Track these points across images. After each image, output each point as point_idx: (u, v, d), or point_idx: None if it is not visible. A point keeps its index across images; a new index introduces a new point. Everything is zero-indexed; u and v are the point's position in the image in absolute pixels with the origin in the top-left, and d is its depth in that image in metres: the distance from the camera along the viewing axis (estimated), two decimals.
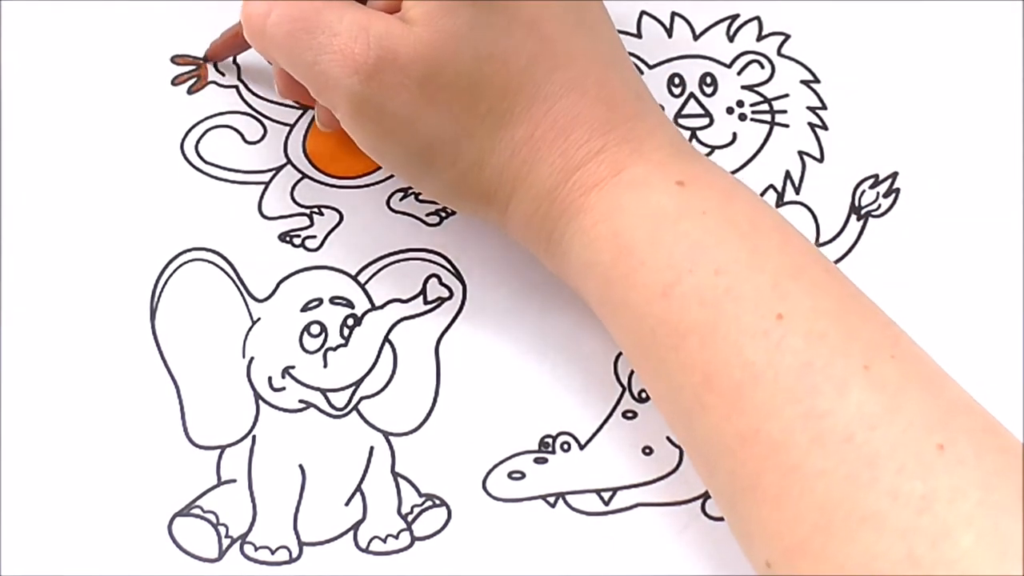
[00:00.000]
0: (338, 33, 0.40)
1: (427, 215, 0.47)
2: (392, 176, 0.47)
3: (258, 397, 0.44)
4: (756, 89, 0.49)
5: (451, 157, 0.41)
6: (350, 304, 0.45)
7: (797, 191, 0.48)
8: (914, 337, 0.40)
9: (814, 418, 0.35)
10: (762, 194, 0.47)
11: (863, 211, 0.48)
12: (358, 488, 0.43)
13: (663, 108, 0.47)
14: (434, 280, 0.46)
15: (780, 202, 0.48)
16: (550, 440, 0.44)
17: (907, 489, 0.34)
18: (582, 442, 0.44)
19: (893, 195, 0.48)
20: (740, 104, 0.49)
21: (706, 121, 0.49)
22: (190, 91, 0.48)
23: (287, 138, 0.48)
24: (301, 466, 0.43)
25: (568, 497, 0.43)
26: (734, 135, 0.49)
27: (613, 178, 0.40)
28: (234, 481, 0.43)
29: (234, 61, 0.49)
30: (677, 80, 0.50)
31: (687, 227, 0.39)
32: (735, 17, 0.51)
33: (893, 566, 0.33)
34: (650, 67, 0.50)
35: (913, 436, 0.35)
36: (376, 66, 0.39)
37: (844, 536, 0.34)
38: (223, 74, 0.48)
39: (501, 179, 0.41)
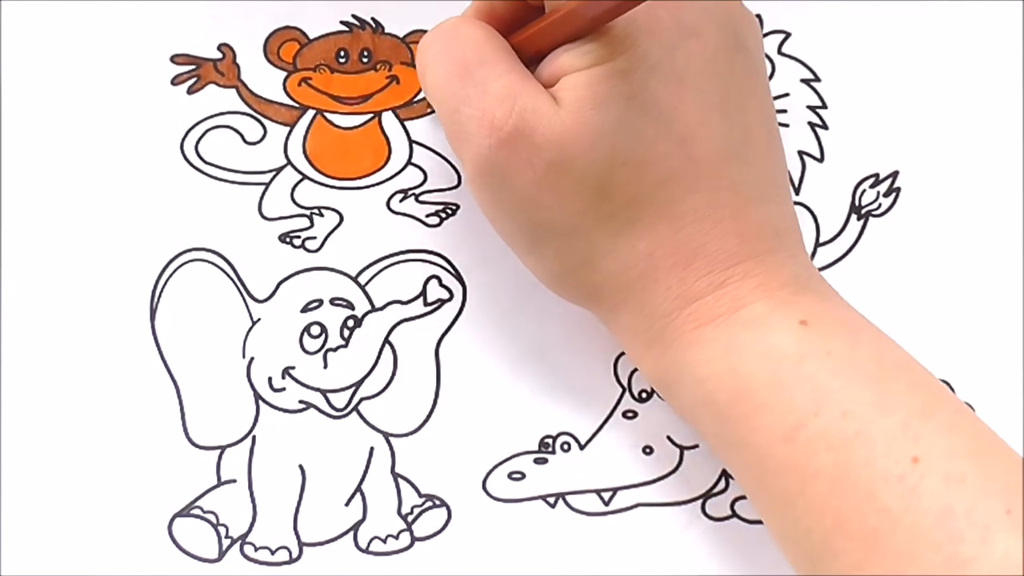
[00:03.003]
0: (488, 92, 0.39)
1: (427, 216, 0.47)
2: (392, 177, 0.47)
3: (258, 397, 0.44)
4: None
5: (560, 248, 0.40)
6: (350, 305, 0.45)
7: (797, 191, 0.48)
8: (914, 337, 0.40)
9: (957, 565, 0.34)
10: None
11: (863, 211, 0.48)
12: (358, 488, 0.43)
13: None
14: (434, 282, 0.46)
15: None
16: (550, 440, 0.44)
17: None
18: (582, 442, 0.44)
19: (893, 194, 0.48)
20: None
21: None
22: (190, 91, 0.48)
23: (287, 139, 0.48)
24: (301, 466, 0.44)
25: (568, 497, 0.43)
26: None
27: (731, 315, 0.39)
28: (234, 481, 0.43)
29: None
30: None
31: (810, 369, 0.37)
32: None
33: None
34: None
35: None
36: (510, 136, 0.38)
37: None
38: (223, 74, 0.48)
39: (610, 286, 0.40)
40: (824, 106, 0.49)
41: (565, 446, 0.44)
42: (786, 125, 0.49)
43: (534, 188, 0.39)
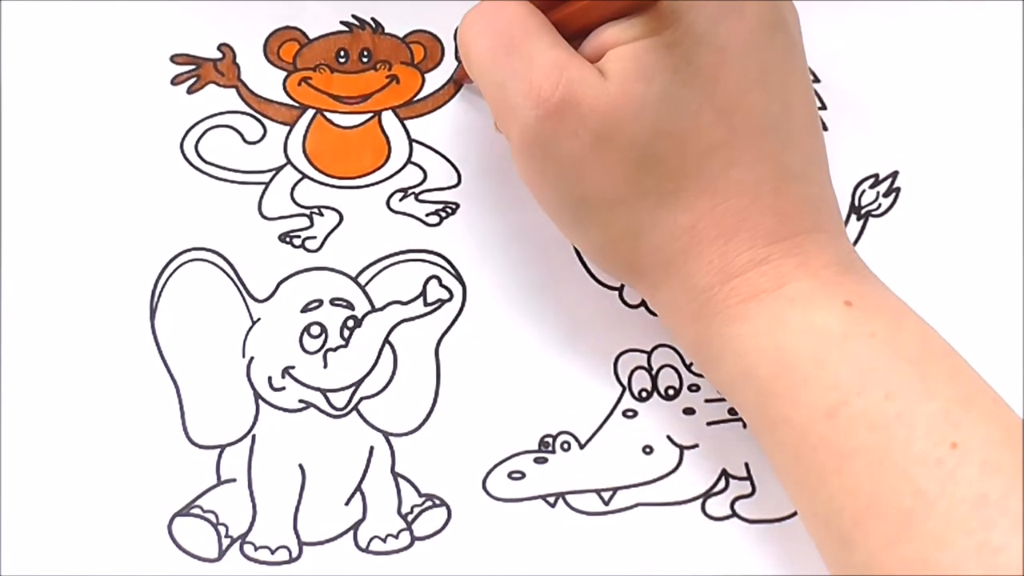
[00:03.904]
0: (534, 65, 0.39)
1: (427, 215, 0.47)
2: (392, 176, 0.47)
3: (258, 397, 0.44)
4: None
5: (604, 219, 0.41)
6: (350, 306, 0.45)
7: None
8: None
9: (988, 552, 0.34)
10: None
11: (863, 211, 0.48)
12: (358, 488, 0.43)
13: None
14: (434, 282, 0.46)
15: None
16: (550, 440, 0.44)
17: None
18: (582, 442, 0.44)
19: (893, 195, 0.48)
20: None
21: None
22: (190, 91, 0.48)
23: (287, 138, 0.48)
24: (301, 466, 0.44)
25: (568, 497, 0.43)
26: None
27: (775, 291, 0.39)
28: (234, 481, 0.43)
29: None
30: None
31: (854, 348, 0.38)
32: None
33: None
34: None
35: None
36: (557, 107, 0.39)
37: None
38: (223, 74, 0.48)
39: (653, 260, 0.41)
40: (823, 107, 0.49)
41: (565, 445, 0.44)
42: None
43: (579, 159, 0.39)
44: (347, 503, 0.43)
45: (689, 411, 0.45)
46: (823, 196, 0.41)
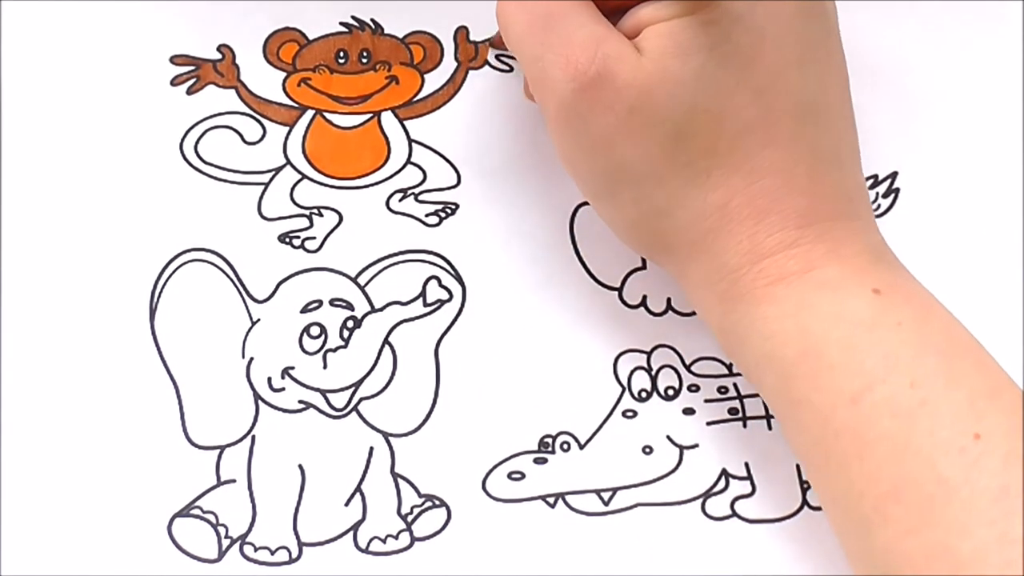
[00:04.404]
0: (572, 39, 0.40)
1: (426, 216, 0.47)
2: (392, 176, 0.47)
3: (257, 397, 0.44)
4: None
5: (636, 195, 0.41)
6: (350, 306, 0.45)
7: None
8: None
9: (1009, 543, 0.34)
10: None
11: None
12: (358, 488, 0.43)
13: None
14: (434, 282, 0.46)
15: None
16: (550, 440, 0.44)
17: None
18: (582, 442, 0.44)
19: (893, 195, 0.48)
20: None
21: None
22: (189, 91, 0.48)
23: (287, 139, 0.48)
24: (301, 466, 0.44)
25: (568, 497, 0.43)
26: None
27: (804, 275, 0.39)
28: (234, 481, 0.43)
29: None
30: None
31: (882, 336, 0.38)
32: None
33: None
34: None
35: None
36: (593, 81, 0.39)
37: None
38: (222, 75, 0.48)
39: (683, 238, 0.41)
40: None
41: (565, 446, 0.44)
42: None
43: (613, 131, 0.40)
44: (347, 504, 0.43)
45: (689, 411, 0.45)
46: (855, 183, 0.42)
